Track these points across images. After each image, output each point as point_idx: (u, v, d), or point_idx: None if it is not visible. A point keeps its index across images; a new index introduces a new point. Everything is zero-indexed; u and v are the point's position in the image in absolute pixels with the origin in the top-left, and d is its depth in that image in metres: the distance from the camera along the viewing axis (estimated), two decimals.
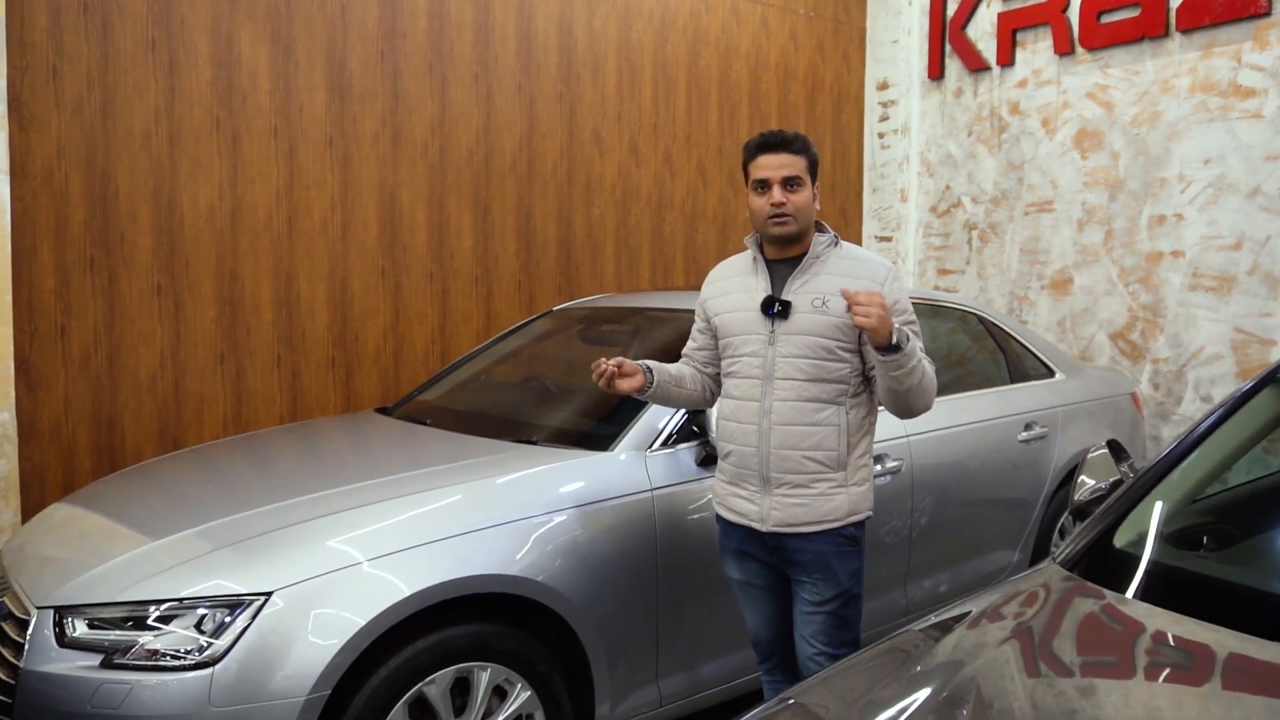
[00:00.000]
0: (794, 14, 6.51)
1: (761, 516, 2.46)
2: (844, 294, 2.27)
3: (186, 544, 2.50)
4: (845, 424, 2.44)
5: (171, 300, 4.33)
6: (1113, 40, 5.65)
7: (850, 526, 2.46)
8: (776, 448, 2.43)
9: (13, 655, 2.31)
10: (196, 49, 4.34)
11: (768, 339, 2.45)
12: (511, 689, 2.51)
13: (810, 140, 2.54)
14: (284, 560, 2.35)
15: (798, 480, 2.43)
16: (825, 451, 2.42)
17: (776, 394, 2.43)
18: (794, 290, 2.46)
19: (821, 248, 2.50)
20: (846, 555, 2.46)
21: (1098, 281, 5.82)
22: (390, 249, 4.89)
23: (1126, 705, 1.44)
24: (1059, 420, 4.08)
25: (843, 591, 2.47)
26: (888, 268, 2.52)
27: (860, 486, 2.48)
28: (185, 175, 4.33)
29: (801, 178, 2.46)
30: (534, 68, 5.33)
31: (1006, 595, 1.72)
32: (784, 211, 2.43)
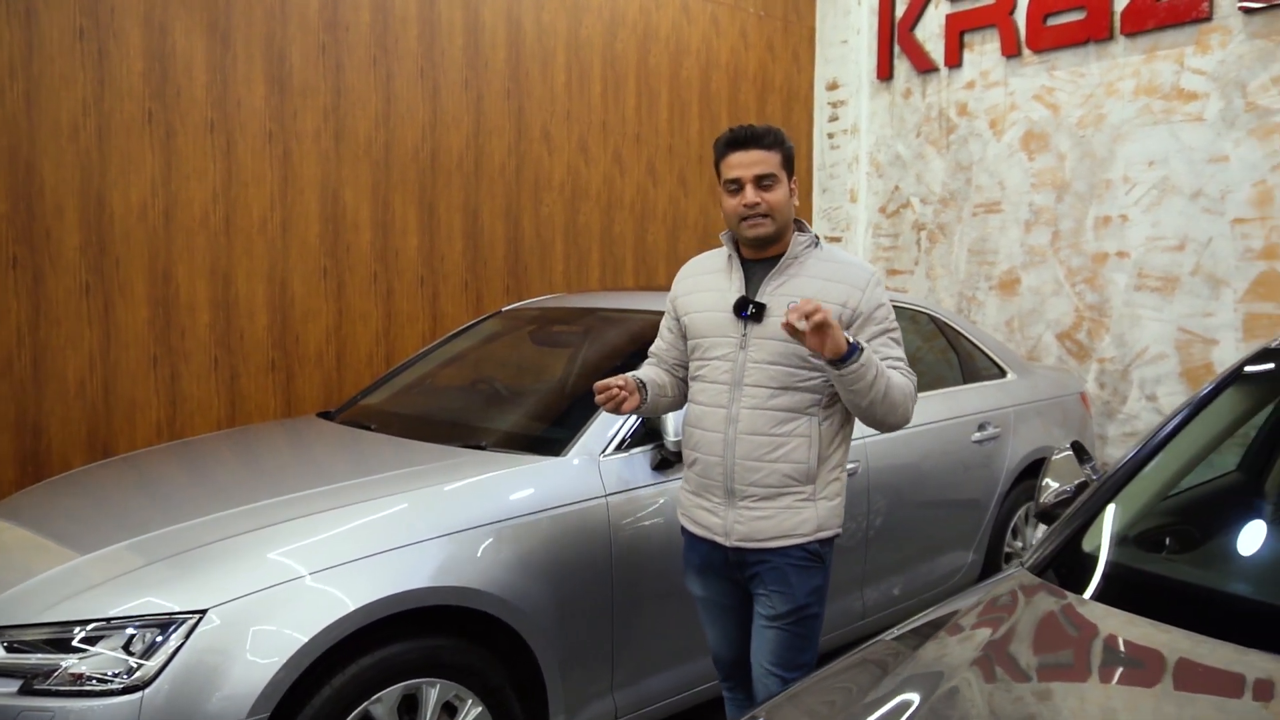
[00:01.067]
0: (744, 12, 6.47)
1: (725, 530, 2.34)
2: (786, 320, 2.09)
3: (117, 558, 2.37)
4: (816, 435, 2.30)
5: (101, 301, 4.14)
6: (1059, 43, 5.70)
7: (815, 543, 2.33)
8: (742, 458, 2.30)
9: None
10: (128, 38, 4.15)
11: (738, 343, 2.33)
12: (462, 705, 2.41)
13: (784, 133, 2.38)
14: (221, 575, 2.23)
15: (763, 493, 2.30)
16: (794, 464, 2.29)
17: (744, 401, 2.30)
18: (769, 292, 2.33)
19: (800, 248, 2.37)
20: (807, 571, 2.33)
21: (1045, 282, 5.87)
22: (333, 248, 4.74)
23: (1105, 713, 1.40)
24: (1011, 420, 4.09)
25: (798, 608, 2.34)
26: (869, 273, 2.37)
27: (830, 501, 2.35)
28: (116, 170, 4.15)
29: (775, 174, 2.31)
30: (481, 63, 5.22)
31: (977, 603, 1.67)
32: (758, 212, 2.30)
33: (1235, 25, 5.01)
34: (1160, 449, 1.92)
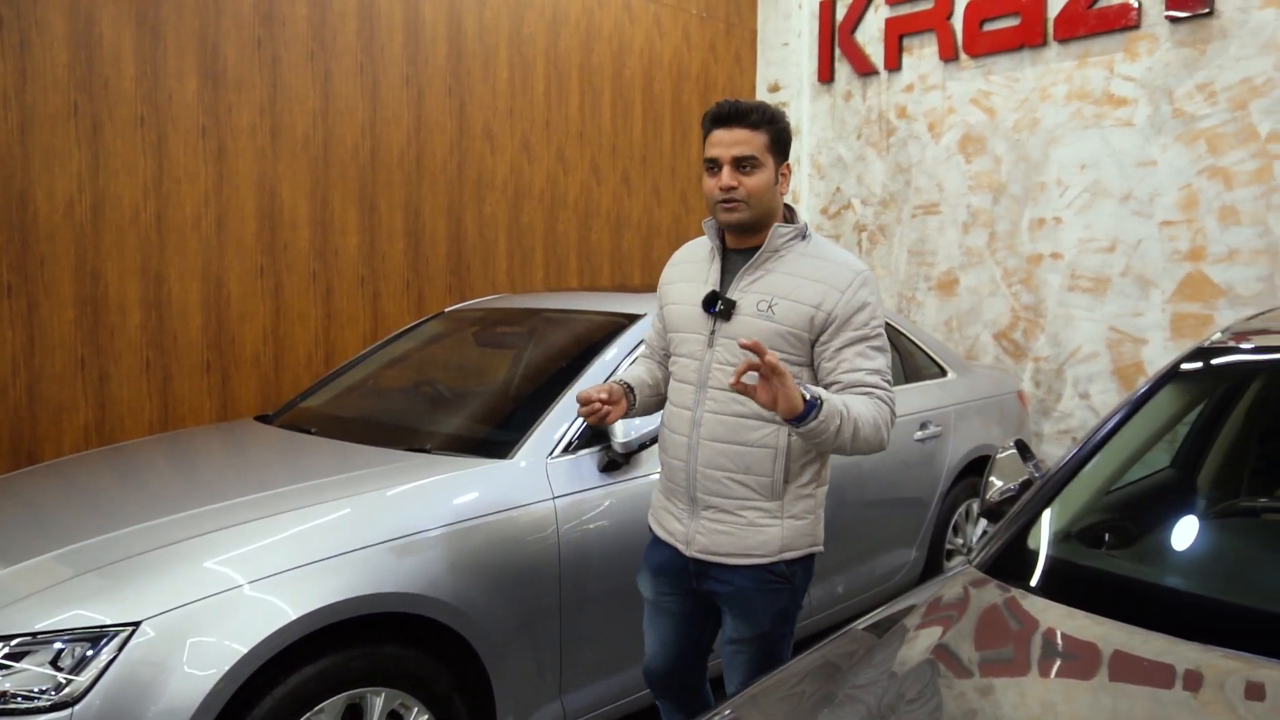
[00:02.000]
0: (686, 14, 6.48)
1: (687, 539, 2.22)
2: (737, 378, 1.91)
3: (43, 570, 2.27)
4: (784, 447, 2.12)
5: (24, 301, 3.99)
6: (994, 48, 5.80)
7: (782, 564, 2.16)
8: (703, 465, 2.16)
9: None
10: (51, 28, 4.01)
11: (706, 341, 2.18)
12: (408, 713, 2.37)
13: (777, 112, 2.17)
14: (155, 585, 2.15)
15: (725, 505, 2.15)
16: (756, 476, 2.13)
17: (708, 405, 2.15)
18: (741, 288, 2.16)
19: (781, 241, 2.16)
20: (772, 594, 2.18)
21: (982, 282, 5.98)
22: (270, 247, 4.63)
23: (1046, 706, 1.42)
24: (952, 419, 4.15)
25: (762, 634, 2.20)
26: (856, 273, 2.14)
27: (800, 520, 2.17)
28: (39, 165, 4.00)
29: (758, 157, 2.11)
30: (422, 59, 5.15)
31: (928, 602, 1.68)
32: (733, 196, 2.11)
33: (1162, 33, 5.16)
34: (1100, 447, 1.96)
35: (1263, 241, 4.89)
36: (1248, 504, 2.02)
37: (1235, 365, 2.16)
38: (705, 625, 2.37)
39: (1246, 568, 1.75)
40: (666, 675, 2.41)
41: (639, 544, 2.77)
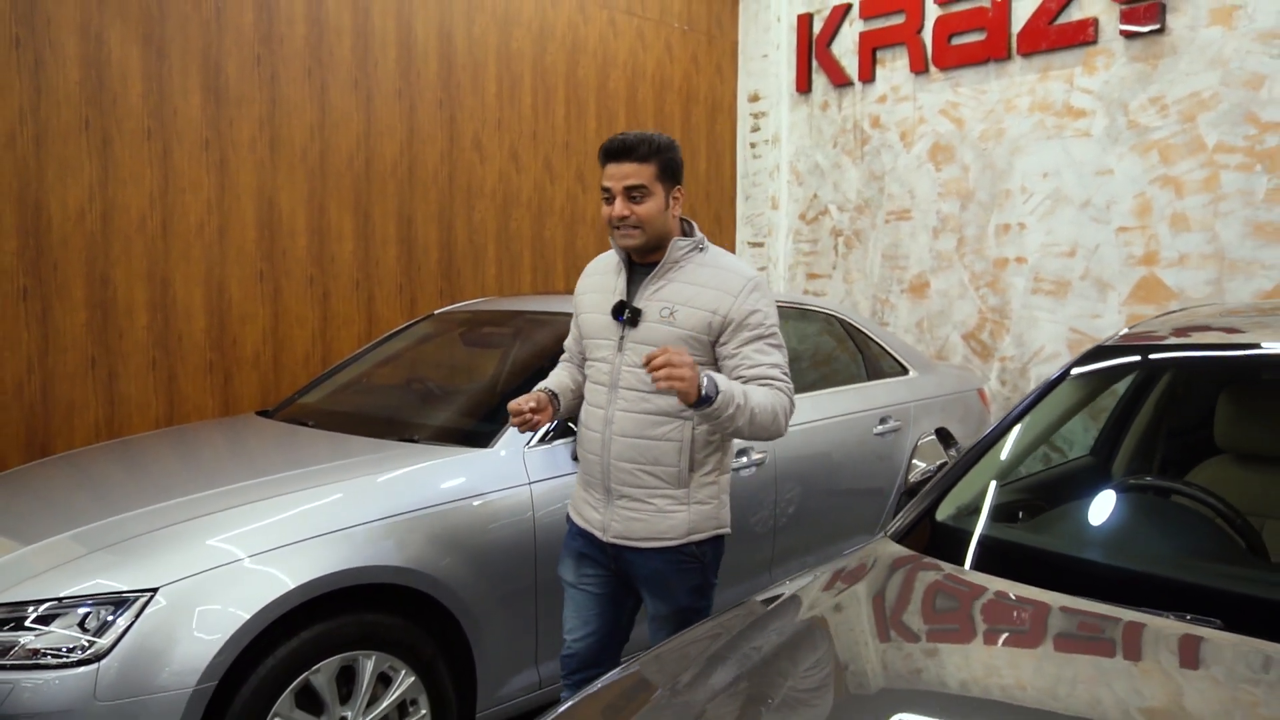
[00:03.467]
0: (669, 27, 6.74)
1: (603, 526, 2.42)
2: (645, 360, 2.12)
3: (61, 547, 2.52)
4: (689, 440, 2.33)
5: (39, 304, 4.24)
6: (962, 61, 6.07)
7: (691, 545, 2.37)
8: (616, 459, 2.36)
9: None
10: (64, 48, 4.26)
11: (616, 346, 2.38)
12: (396, 675, 2.62)
13: (664, 142, 2.37)
14: (166, 558, 2.41)
15: (636, 494, 2.36)
16: (664, 467, 2.34)
17: (619, 404, 2.36)
18: (646, 297, 2.37)
19: (680, 253, 2.37)
20: (685, 572, 2.38)
21: (951, 285, 6.24)
22: (269, 253, 4.89)
23: (951, 659, 1.67)
24: (912, 413, 4.40)
25: (679, 609, 2.40)
26: (747, 279, 2.36)
27: (705, 505, 2.38)
28: (53, 176, 4.25)
29: (647, 186, 2.31)
30: (414, 74, 5.40)
31: (841, 565, 1.94)
32: (627, 224, 2.32)
33: (1117, 49, 5.42)
34: (1003, 435, 2.22)
35: (1210, 247, 5.15)
36: (1135, 482, 2.28)
37: (1126, 363, 2.43)
38: (624, 606, 2.52)
39: (1116, 533, 2.01)
40: (585, 655, 2.52)
41: None
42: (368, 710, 2.58)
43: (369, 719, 2.58)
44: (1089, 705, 1.38)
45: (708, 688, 1.55)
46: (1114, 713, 1.36)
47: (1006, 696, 1.45)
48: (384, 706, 2.61)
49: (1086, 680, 1.45)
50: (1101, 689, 1.42)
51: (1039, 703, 1.41)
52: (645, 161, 2.31)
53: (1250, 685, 1.44)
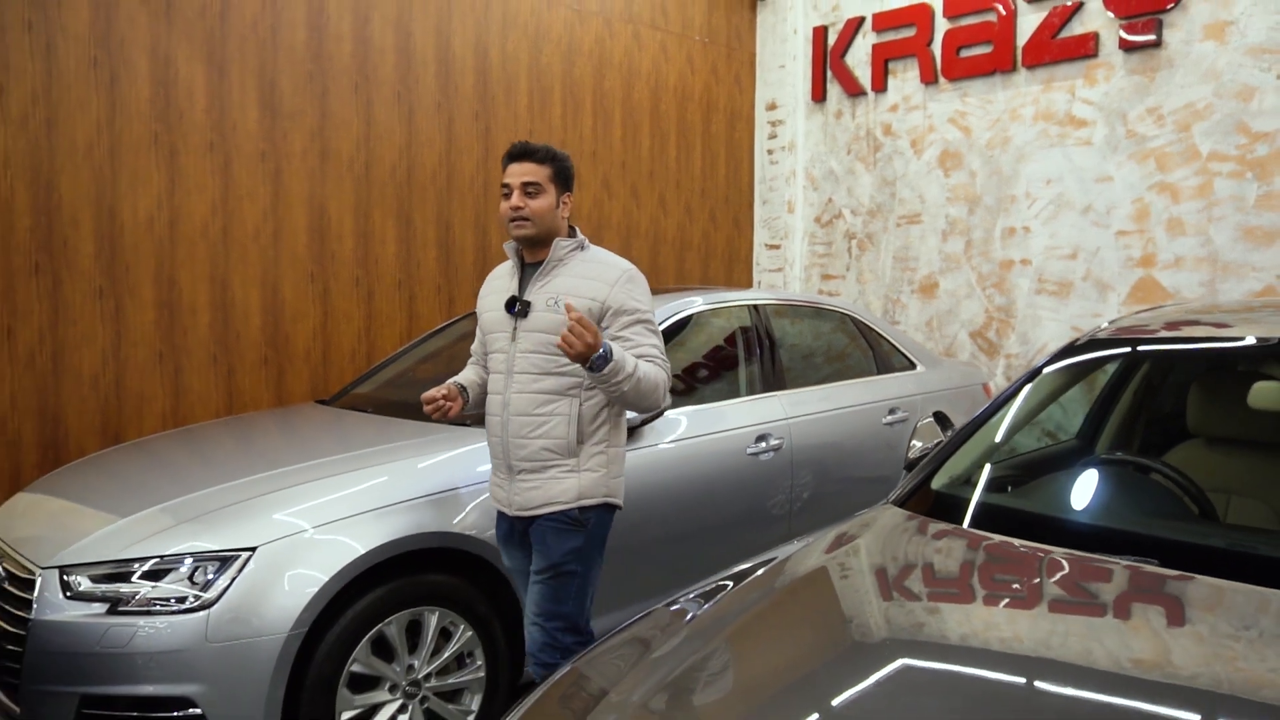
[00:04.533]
0: (690, 40, 7.08)
1: (508, 502, 2.68)
2: (565, 308, 2.39)
3: (154, 519, 2.87)
4: (576, 414, 2.60)
5: (113, 303, 4.62)
6: (970, 72, 6.38)
7: (576, 510, 2.61)
8: (513, 436, 2.62)
9: (19, 610, 2.66)
10: (136, 67, 4.64)
11: (510, 336, 2.66)
12: (455, 630, 2.97)
13: (560, 153, 2.70)
14: (253, 526, 2.76)
15: (532, 466, 2.61)
16: (555, 440, 2.60)
17: (514, 387, 2.63)
18: (534, 290, 2.64)
19: (564, 251, 2.66)
20: (564, 534, 2.61)
21: (959, 286, 6.55)
22: (319, 256, 5.25)
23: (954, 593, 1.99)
24: (919, 405, 4.72)
25: (553, 565, 2.61)
26: (622, 271, 2.66)
27: (594, 473, 2.63)
28: (125, 186, 4.63)
29: (542, 185, 2.61)
30: (452, 88, 5.76)
31: (845, 527, 2.27)
32: (521, 215, 2.61)
33: (1117, 62, 5.72)
34: (987, 420, 2.55)
35: (1204, 250, 5.45)
36: (1107, 457, 2.59)
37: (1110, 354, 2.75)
38: None
39: (1089, 499, 2.33)
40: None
41: (642, 500, 3.37)
42: (431, 659, 2.93)
43: (433, 667, 2.93)
44: (1060, 615, 1.72)
45: (719, 622, 1.87)
46: (1075, 618, 1.70)
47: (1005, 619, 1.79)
48: (445, 657, 2.96)
49: (1058, 600, 1.79)
50: (1067, 606, 1.75)
51: (1029, 618, 1.75)
52: (542, 164, 2.63)
53: (1166, 599, 1.78)
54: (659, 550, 3.50)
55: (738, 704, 1.60)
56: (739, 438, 3.84)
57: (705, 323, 4.20)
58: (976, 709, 1.48)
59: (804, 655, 1.74)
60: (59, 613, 2.61)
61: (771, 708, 1.53)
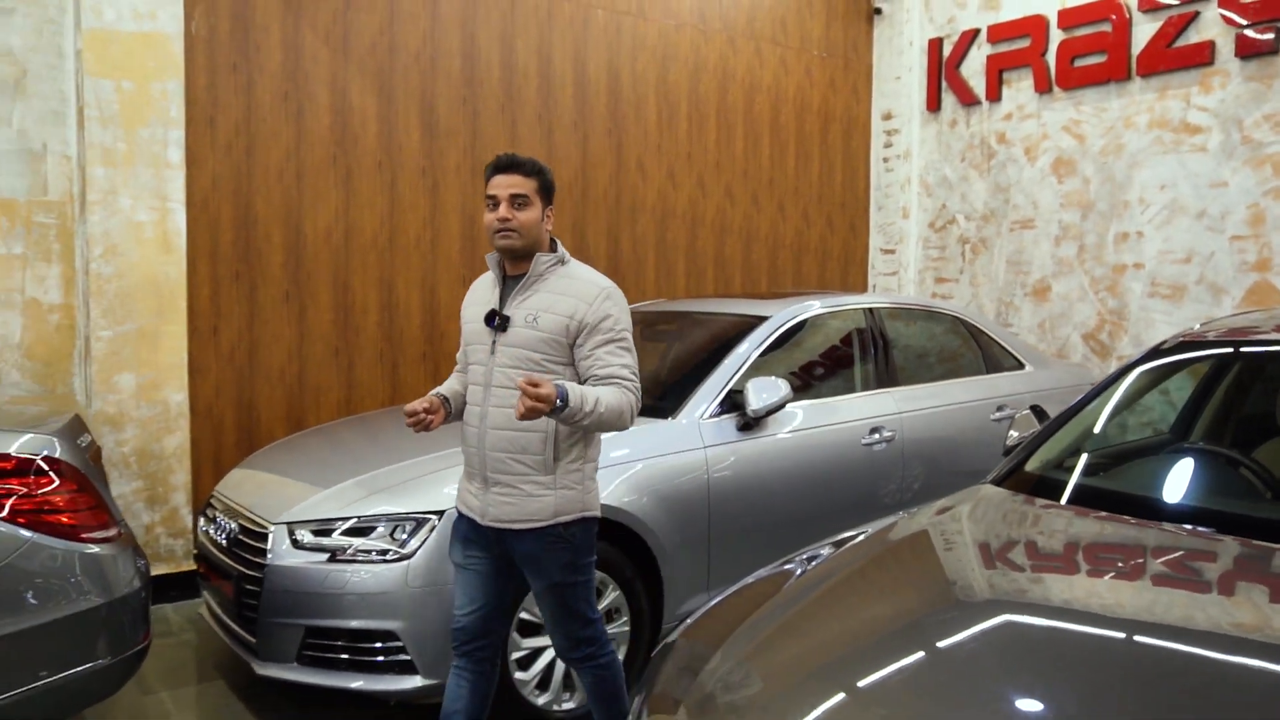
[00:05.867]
0: (809, 54, 7.43)
1: (482, 512, 2.67)
2: (518, 385, 2.37)
3: (350, 490, 3.42)
4: (553, 432, 2.59)
5: (297, 306, 5.28)
6: (1084, 82, 6.55)
7: (558, 526, 2.62)
8: (490, 449, 2.63)
9: (257, 558, 3.26)
10: (318, 99, 5.30)
11: (489, 349, 2.65)
12: (606, 589, 3.44)
13: (544, 166, 2.68)
14: (441, 494, 3.27)
15: (508, 480, 2.61)
16: (531, 455, 2.59)
17: (492, 400, 2.63)
18: (514, 306, 2.63)
19: (544, 266, 2.64)
20: (554, 551, 2.62)
21: (1072, 289, 6.72)
22: (470, 261, 5.84)
23: (1054, 556, 2.35)
24: (1025, 403, 4.97)
25: (553, 584, 2.65)
26: (601, 288, 2.64)
27: (571, 490, 2.63)
28: (309, 203, 5.29)
29: (529, 197, 2.60)
30: (587, 107, 6.27)
31: (947, 502, 2.64)
32: (508, 226, 2.59)
33: (1233, 69, 5.83)
34: (1077, 412, 2.87)
35: None
36: (1196, 447, 2.88)
37: (1199, 355, 3.03)
38: (509, 583, 2.75)
39: (1169, 482, 2.64)
40: (472, 628, 2.73)
41: (764, 485, 3.79)
42: None
43: None
44: (1147, 570, 2.07)
45: (828, 576, 2.26)
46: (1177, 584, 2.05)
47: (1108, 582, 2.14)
48: None
49: (1143, 557, 2.14)
50: (1151, 562, 2.10)
51: (1132, 580, 2.11)
52: (529, 176, 2.63)
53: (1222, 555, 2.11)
54: (779, 532, 3.88)
55: (848, 644, 1.99)
56: (854, 430, 4.21)
57: (824, 324, 4.58)
58: (1087, 659, 1.79)
59: (909, 607, 2.12)
60: (288, 560, 3.19)
61: (883, 647, 1.91)
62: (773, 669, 1.94)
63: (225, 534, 3.53)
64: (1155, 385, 3.04)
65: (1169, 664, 1.78)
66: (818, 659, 1.93)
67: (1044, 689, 1.69)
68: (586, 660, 2.78)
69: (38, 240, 4.62)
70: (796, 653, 1.97)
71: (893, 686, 1.78)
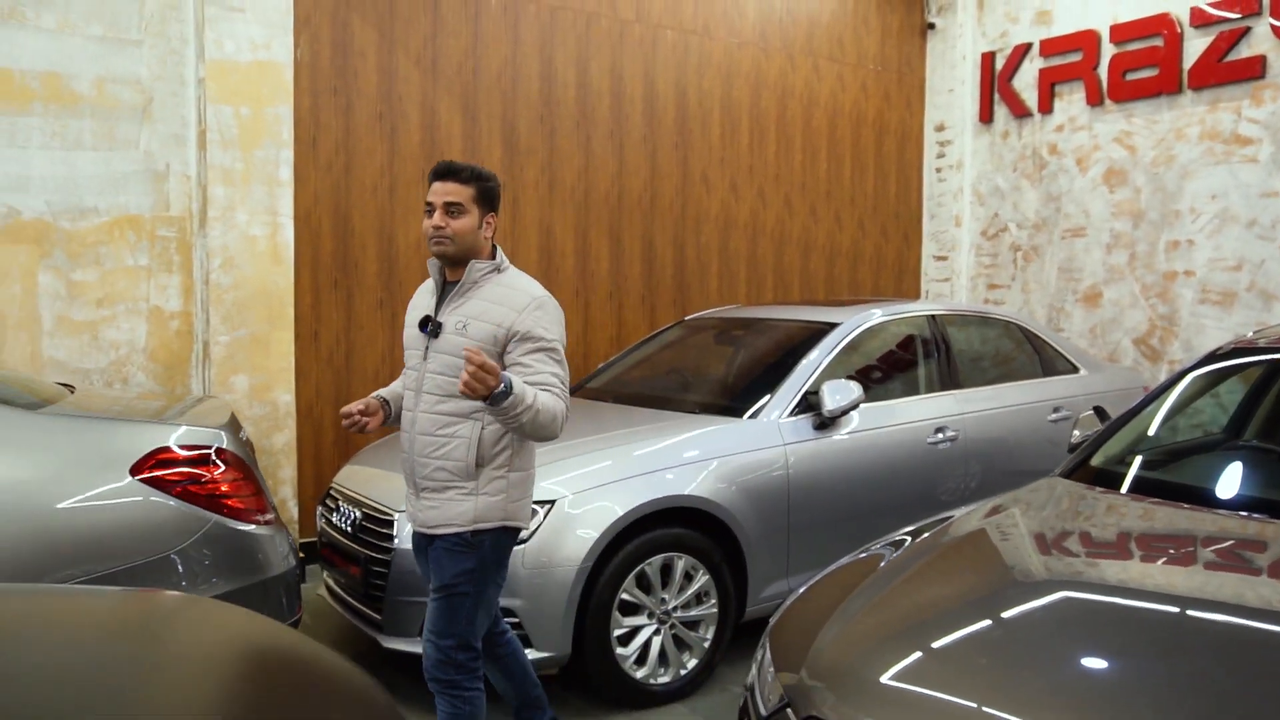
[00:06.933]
0: (865, 69, 7.71)
1: (415, 518, 2.74)
2: (465, 352, 2.33)
3: None
4: (476, 438, 2.59)
5: (390, 312, 5.65)
6: (1136, 94, 6.77)
7: (470, 533, 2.62)
8: (418, 455, 2.66)
9: (383, 542, 3.61)
10: (409, 118, 5.67)
11: (423, 354, 2.68)
12: (696, 573, 3.75)
13: (485, 173, 2.67)
14: (551, 485, 3.59)
15: (433, 485, 2.63)
16: (454, 462, 2.61)
17: (421, 406, 2.65)
18: (447, 312, 2.65)
19: (479, 274, 2.64)
20: (456, 555, 2.62)
21: (1123, 295, 6.93)
22: (546, 270, 6.18)
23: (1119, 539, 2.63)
24: (1081, 405, 5.21)
25: (444, 585, 2.64)
26: (531, 298, 2.64)
27: (491, 497, 2.62)
28: (400, 216, 5.66)
29: (464, 205, 2.60)
30: (655, 123, 6.60)
31: (1018, 493, 2.92)
32: (442, 234, 2.61)
33: None
34: (1138, 412, 3.14)
35: None
36: (1248, 444, 3.14)
37: (1252, 360, 3.29)
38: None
39: (1223, 474, 2.90)
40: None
41: (839, 480, 4.08)
42: (678, 595, 3.72)
43: (678, 601, 3.72)
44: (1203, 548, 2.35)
45: (931, 554, 2.56)
46: (1218, 549, 2.33)
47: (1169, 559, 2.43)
48: (687, 595, 3.75)
49: (1203, 540, 2.42)
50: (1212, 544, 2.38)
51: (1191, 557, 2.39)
52: (466, 184, 2.63)
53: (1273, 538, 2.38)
54: (850, 524, 4.15)
55: (942, 610, 2.28)
56: (920, 429, 4.49)
57: (889, 330, 4.86)
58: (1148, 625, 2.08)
59: (999, 578, 2.42)
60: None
61: (976, 611, 2.21)
62: (875, 633, 2.24)
63: (349, 521, 3.88)
64: (1210, 389, 3.30)
65: (1226, 633, 2.06)
66: (914, 625, 2.23)
67: (1111, 649, 1.98)
68: (450, 687, 2.71)
69: (160, 253, 5.02)
70: (895, 620, 2.27)
71: (994, 641, 2.08)
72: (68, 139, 4.77)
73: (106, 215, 4.87)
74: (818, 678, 2.09)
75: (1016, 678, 1.92)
